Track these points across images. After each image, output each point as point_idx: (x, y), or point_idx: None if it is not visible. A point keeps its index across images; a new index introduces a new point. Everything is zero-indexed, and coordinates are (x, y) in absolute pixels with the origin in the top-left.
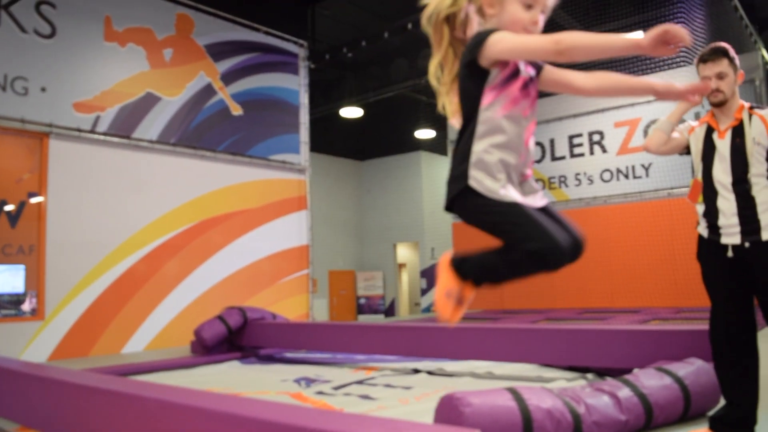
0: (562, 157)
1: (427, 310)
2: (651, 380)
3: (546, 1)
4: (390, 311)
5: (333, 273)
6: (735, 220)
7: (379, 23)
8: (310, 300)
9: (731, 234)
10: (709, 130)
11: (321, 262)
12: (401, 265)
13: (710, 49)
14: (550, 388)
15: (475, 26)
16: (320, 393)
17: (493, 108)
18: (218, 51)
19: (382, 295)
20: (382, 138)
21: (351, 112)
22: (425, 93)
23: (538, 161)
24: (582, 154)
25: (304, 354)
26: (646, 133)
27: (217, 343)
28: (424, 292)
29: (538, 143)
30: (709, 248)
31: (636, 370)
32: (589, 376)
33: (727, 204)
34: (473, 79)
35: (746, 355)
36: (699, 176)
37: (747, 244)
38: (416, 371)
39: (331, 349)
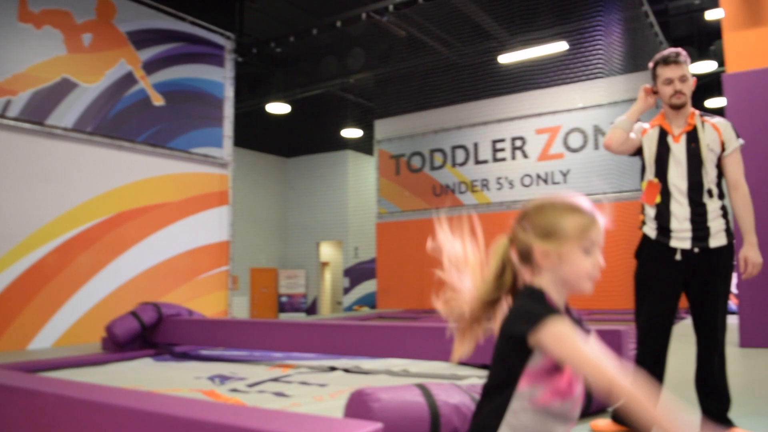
0: (485, 161)
1: (350, 308)
2: None
3: (601, 238)
4: (312, 310)
5: (255, 270)
6: (687, 225)
7: (308, 19)
8: (229, 297)
9: (682, 239)
10: (663, 133)
11: (242, 260)
12: (324, 264)
13: (674, 52)
14: (459, 385)
15: (526, 275)
16: (234, 390)
17: (530, 394)
18: (141, 39)
19: (305, 294)
20: (309, 135)
21: (278, 107)
22: (353, 92)
23: (462, 164)
24: (504, 159)
25: (220, 351)
26: (566, 140)
27: (129, 339)
28: (346, 290)
29: (462, 147)
30: (655, 249)
31: None
32: None
33: (680, 209)
34: (514, 351)
35: (663, 352)
36: (652, 178)
37: (696, 250)
38: (333, 369)
39: (249, 347)
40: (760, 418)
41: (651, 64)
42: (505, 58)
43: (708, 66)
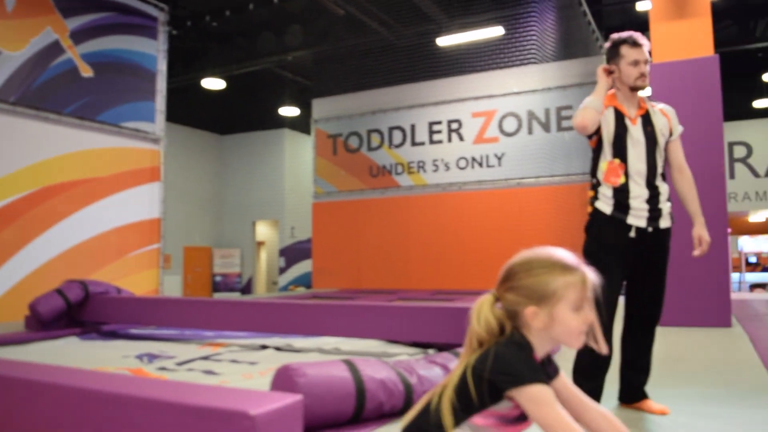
0: (422, 143)
1: (285, 288)
2: None
3: (590, 294)
4: (247, 289)
5: (188, 249)
6: (645, 205)
7: None
8: (161, 276)
9: (639, 217)
10: (619, 115)
11: (175, 238)
12: (260, 243)
13: (638, 35)
14: (386, 361)
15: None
16: (162, 369)
17: (479, 429)
18: (68, 6)
19: (239, 273)
20: (245, 113)
21: (213, 83)
22: (291, 69)
23: (399, 145)
24: (441, 141)
25: (150, 330)
26: (501, 124)
27: (54, 317)
28: (282, 270)
29: (400, 128)
30: (610, 224)
31: None
32: (430, 351)
33: (638, 189)
34: (487, 393)
35: (611, 325)
36: (612, 159)
37: (650, 229)
38: (264, 347)
39: (179, 325)
40: (673, 391)
41: (609, 44)
42: (443, 41)
43: None
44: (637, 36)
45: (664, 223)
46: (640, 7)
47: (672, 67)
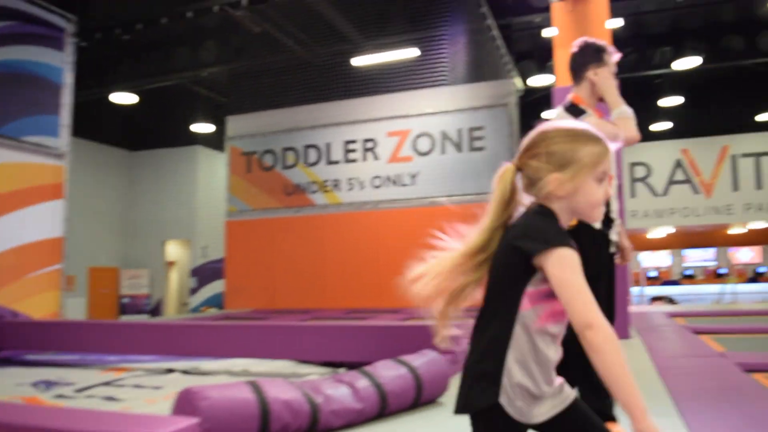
0: (337, 162)
1: (196, 310)
2: (387, 371)
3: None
4: (156, 311)
5: (94, 270)
6: (618, 218)
7: (158, 7)
8: (63, 298)
9: (615, 231)
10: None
11: (80, 258)
12: (170, 263)
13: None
14: (293, 381)
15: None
16: (60, 396)
17: (530, 316)
18: None
19: (149, 295)
20: (157, 129)
21: (123, 98)
22: (205, 85)
23: (314, 164)
24: (356, 160)
25: (49, 356)
26: (415, 144)
27: None
28: (193, 291)
29: (315, 146)
30: (597, 239)
31: (377, 362)
32: (341, 370)
33: (614, 201)
34: (520, 266)
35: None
36: None
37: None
38: (170, 371)
39: (81, 350)
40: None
41: (588, 46)
42: (358, 61)
43: (547, 80)
44: (610, 47)
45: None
46: (546, 33)
47: None
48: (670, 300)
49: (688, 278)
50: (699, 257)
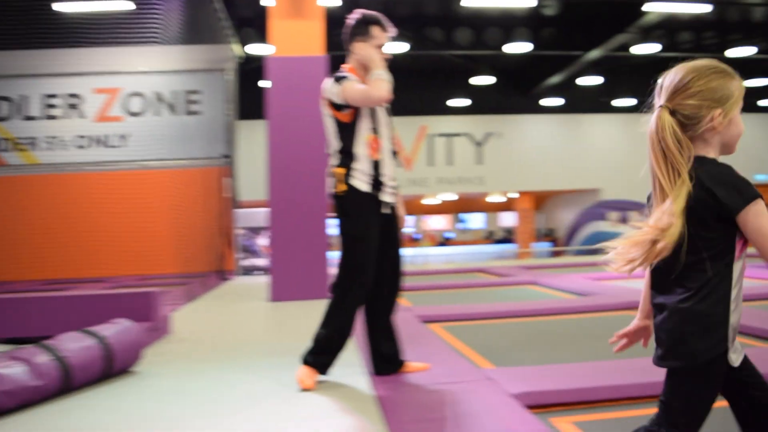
0: (34, 117)
1: None
2: (72, 343)
3: None
4: None
5: None
6: (392, 183)
7: None
8: None
9: (390, 194)
10: None
11: None
12: None
13: (386, 19)
14: None
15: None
16: None
17: (739, 266)
18: None
19: None
20: None
21: None
22: None
23: (5, 119)
24: (57, 117)
25: None
26: (126, 103)
27: None
28: None
29: (7, 99)
30: (367, 202)
31: (62, 335)
32: (29, 346)
33: (389, 167)
34: (727, 219)
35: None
36: (370, 133)
37: (392, 206)
38: None
39: None
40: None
41: (356, 19)
42: (61, 6)
43: (268, 49)
44: (386, 20)
45: (396, 199)
46: (264, 2)
47: (288, 63)
48: None
49: None
50: None
